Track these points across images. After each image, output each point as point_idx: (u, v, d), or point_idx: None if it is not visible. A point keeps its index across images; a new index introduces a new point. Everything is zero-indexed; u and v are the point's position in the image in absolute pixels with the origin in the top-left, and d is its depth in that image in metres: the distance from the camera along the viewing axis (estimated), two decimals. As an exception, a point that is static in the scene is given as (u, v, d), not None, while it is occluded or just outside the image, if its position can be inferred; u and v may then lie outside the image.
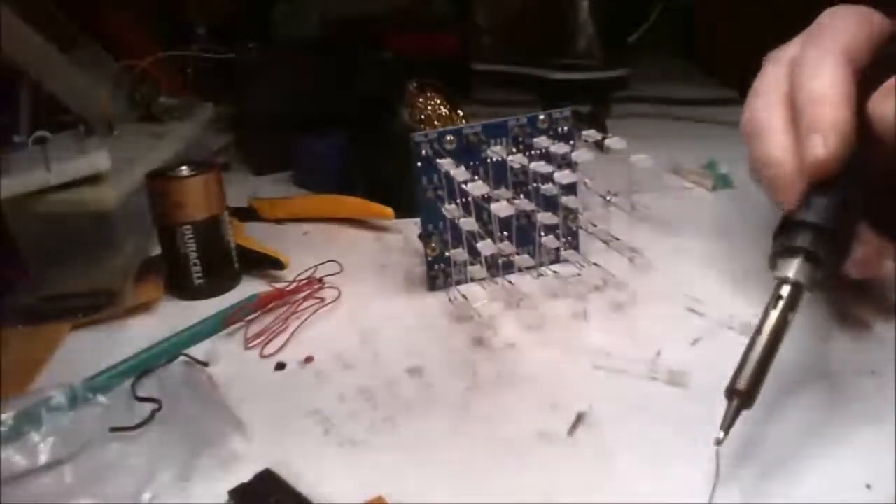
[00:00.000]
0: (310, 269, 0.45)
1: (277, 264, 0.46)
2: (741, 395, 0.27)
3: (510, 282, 0.41)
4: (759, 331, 0.28)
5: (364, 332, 0.40)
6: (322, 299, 0.43)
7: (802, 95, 0.33)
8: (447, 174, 0.40)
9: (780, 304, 0.29)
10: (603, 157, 0.41)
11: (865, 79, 0.34)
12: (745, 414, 0.30)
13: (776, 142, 0.34)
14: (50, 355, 0.39)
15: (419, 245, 0.43)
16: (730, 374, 0.28)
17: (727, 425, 0.26)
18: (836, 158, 0.31)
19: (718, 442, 0.26)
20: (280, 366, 0.37)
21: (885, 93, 0.31)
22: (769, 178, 0.35)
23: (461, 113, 0.55)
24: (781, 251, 0.31)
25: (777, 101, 0.36)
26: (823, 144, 0.31)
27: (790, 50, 0.37)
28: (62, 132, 0.53)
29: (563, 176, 0.39)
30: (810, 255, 0.30)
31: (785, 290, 0.29)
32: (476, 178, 0.40)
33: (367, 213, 0.54)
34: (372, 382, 0.35)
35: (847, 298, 0.37)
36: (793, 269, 0.30)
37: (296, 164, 0.65)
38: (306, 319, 0.41)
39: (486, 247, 0.36)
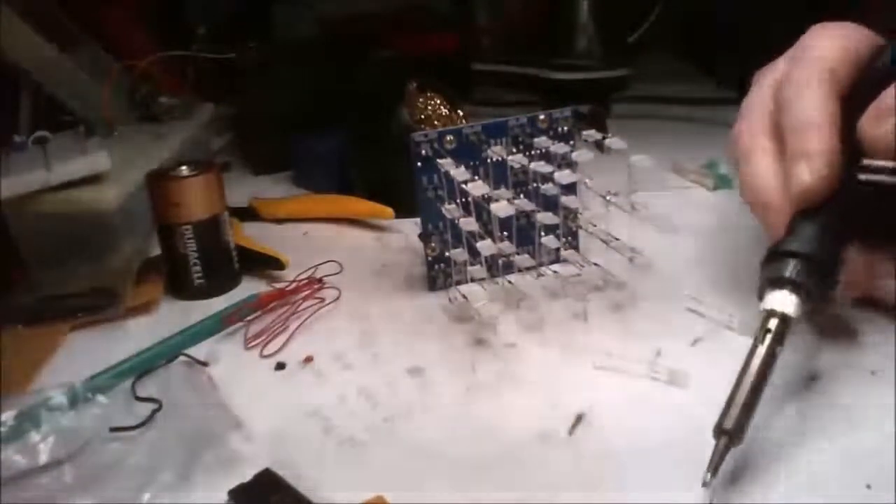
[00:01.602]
0: (310, 269, 0.45)
1: (277, 264, 0.46)
2: (729, 434, 0.26)
3: (510, 282, 0.41)
4: (746, 366, 0.28)
5: (364, 332, 0.40)
6: (322, 299, 0.43)
7: (788, 120, 0.33)
8: (447, 174, 0.40)
9: (768, 337, 0.28)
10: (603, 157, 0.41)
11: (852, 95, 0.33)
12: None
13: (762, 167, 0.34)
14: (50, 355, 0.39)
15: (419, 245, 0.43)
16: (730, 374, 0.28)
17: (715, 466, 0.26)
18: (823, 185, 0.31)
19: (705, 483, 0.25)
20: (280, 366, 0.37)
21: (875, 114, 0.31)
22: (755, 203, 0.35)
23: (461, 113, 0.55)
24: (769, 282, 0.30)
25: (762, 124, 0.35)
26: (809, 171, 0.31)
27: (775, 71, 0.36)
28: (62, 132, 0.53)
29: (563, 176, 0.39)
30: (798, 286, 0.29)
31: (773, 324, 0.29)
32: (476, 178, 0.40)
33: (367, 213, 0.54)
34: (372, 382, 0.35)
35: (837, 306, 0.37)
36: (780, 301, 0.29)
37: (296, 164, 0.65)
38: (306, 319, 0.41)
39: (486, 247, 0.36)
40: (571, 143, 0.43)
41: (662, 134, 0.70)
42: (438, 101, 0.54)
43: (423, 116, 0.54)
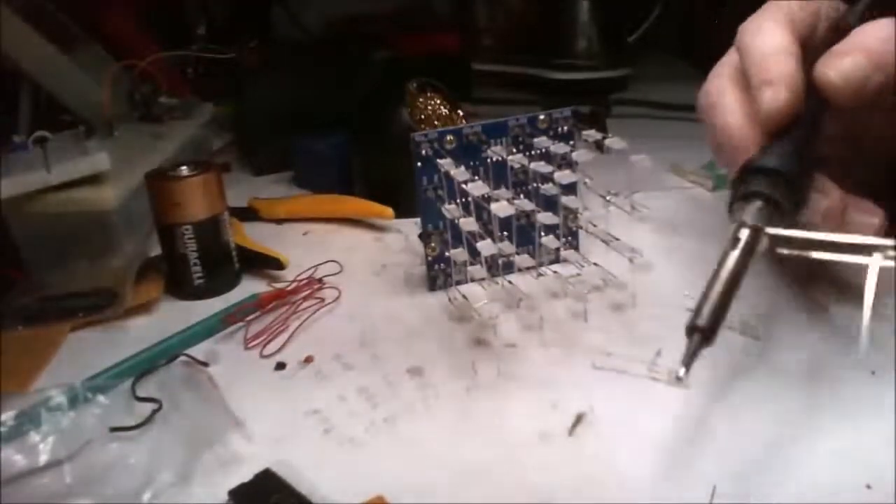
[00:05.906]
0: (310, 269, 0.45)
1: (277, 264, 0.46)
2: (702, 331, 0.26)
3: (510, 282, 0.41)
4: (718, 271, 0.28)
5: (364, 332, 0.40)
6: (322, 299, 0.43)
7: (748, 58, 0.34)
8: (447, 174, 0.40)
9: (739, 245, 0.28)
10: (603, 157, 0.41)
11: (815, 52, 0.34)
12: (745, 412, 0.31)
13: (729, 108, 0.35)
14: (50, 355, 0.39)
15: (419, 245, 0.43)
16: (729, 374, 0.28)
17: (688, 362, 0.26)
18: (788, 108, 0.32)
19: (679, 378, 0.26)
20: (280, 366, 0.37)
21: (829, 56, 0.32)
22: (725, 143, 0.35)
23: (461, 113, 0.55)
24: (740, 198, 0.30)
25: (728, 73, 0.37)
26: (773, 96, 0.32)
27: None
28: (62, 132, 0.52)
29: (563, 176, 0.39)
30: (768, 198, 0.29)
31: (743, 234, 0.28)
32: (476, 178, 0.40)
33: (367, 213, 0.54)
34: (372, 382, 0.35)
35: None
36: (751, 213, 0.29)
37: (296, 164, 0.65)
38: (306, 319, 0.41)
39: (486, 247, 0.36)
40: (571, 143, 0.43)
41: (662, 134, 0.70)
42: (438, 101, 0.54)
43: (423, 116, 0.54)
